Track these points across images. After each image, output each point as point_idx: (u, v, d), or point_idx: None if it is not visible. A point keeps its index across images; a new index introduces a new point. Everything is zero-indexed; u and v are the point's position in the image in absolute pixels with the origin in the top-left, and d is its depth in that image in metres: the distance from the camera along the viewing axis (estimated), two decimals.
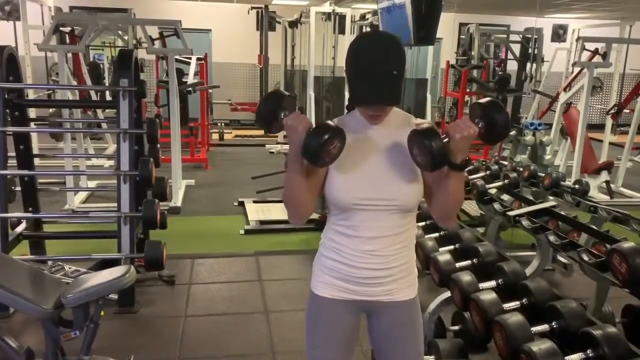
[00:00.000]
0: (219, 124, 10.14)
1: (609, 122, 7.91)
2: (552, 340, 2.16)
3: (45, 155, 4.58)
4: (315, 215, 4.74)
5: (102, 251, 3.74)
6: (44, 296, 2.57)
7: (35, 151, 7.52)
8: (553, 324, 2.29)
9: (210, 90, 9.22)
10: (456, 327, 2.98)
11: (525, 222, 3.11)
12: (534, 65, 9.12)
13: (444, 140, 1.46)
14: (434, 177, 1.59)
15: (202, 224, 5.37)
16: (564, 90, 6.89)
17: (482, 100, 1.55)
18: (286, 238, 4.85)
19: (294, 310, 3.50)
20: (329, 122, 1.52)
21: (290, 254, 4.50)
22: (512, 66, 10.02)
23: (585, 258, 2.64)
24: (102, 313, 2.64)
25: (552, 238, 2.86)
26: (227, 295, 3.79)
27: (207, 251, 4.55)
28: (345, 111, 1.77)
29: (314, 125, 1.51)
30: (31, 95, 7.63)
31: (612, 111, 7.73)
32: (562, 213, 3.18)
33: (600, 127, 8.92)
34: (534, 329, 2.27)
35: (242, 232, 5.06)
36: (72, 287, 2.57)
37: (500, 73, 9.55)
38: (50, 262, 3.87)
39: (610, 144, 8.01)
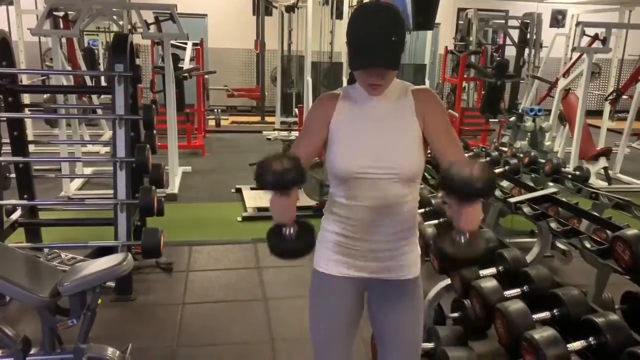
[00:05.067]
0: (215, 110, 10.06)
1: (606, 108, 7.88)
2: (554, 328, 2.15)
3: (40, 142, 4.52)
4: (312, 202, 4.73)
5: (99, 238, 3.71)
6: (40, 284, 2.54)
7: (30, 138, 7.54)
8: (554, 311, 2.27)
9: (206, 76, 9.13)
10: (456, 314, 2.96)
11: (526, 209, 3.09)
12: (533, 50, 9.05)
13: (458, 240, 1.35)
14: (438, 143, 1.60)
15: (199, 211, 5.34)
16: (563, 76, 6.84)
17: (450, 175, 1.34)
18: None
19: (293, 297, 3.48)
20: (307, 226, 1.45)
21: None
22: (509, 52, 9.95)
23: (588, 245, 2.62)
24: (99, 301, 2.62)
25: (553, 225, 2.84)
26: (225, 282, 3.77)
27: (204, 238, 4.52)
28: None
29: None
30: (25, 81, 7.58)
31: (610, 97, 7.69)
32: (564, 200, 3.16)
33: (597, 114, 8.89)
34: (535, 316, 2.25)
35: (239, 219, 5.03)
36: (68, 275, 2.54)
37: (498, 59, 9.49)
38: (46, 250, 3.84)
39: (608, 130, 7.98)
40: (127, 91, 3.40)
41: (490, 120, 7.67)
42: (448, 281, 2.86)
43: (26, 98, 7.69)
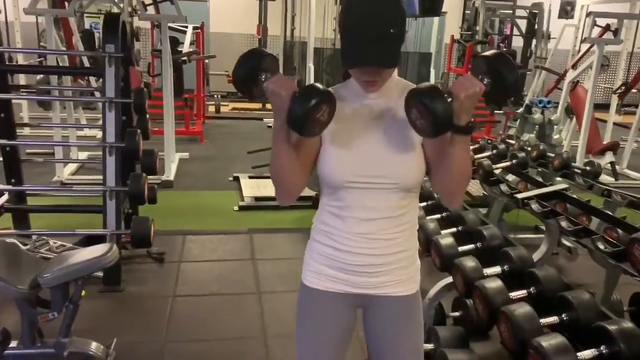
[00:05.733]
0: (215, 96, 9.88)
1: (614, 101, 7.69)
2: (563, 334, 2.01)
3: (30, 124, 4.37)
4: (312, 192, 4.58)
5: (90, 226, 3.57)
6: (20, 275, 2.41)
7: (25, 120, 7.40)
8: (563, 316, 2.14)
9: (206, 61, 8.95)
10: (457, 314, 2.83)
11: (534, 206, 2.93)
12: (539, 41, 8.85)
13: (448, 100, 1.27)
14: (435, 148, 1.41)
15: (195, 199, 5.20)
16: (572, 67, 6.65)
17: (488, 53, 1.36)
18: (281, 215, 4.67)
19: (288, 292, 3.35)
20: (316, 84, 1.34)
21: (285, 232, 4.34)
22: (515, 43, 9.75)
23: (601, 247, 2.48)
24: (82, 293, 2.49)
25: (563, 224, 2.69)
26: (218, 274, 3.64)
27: (199, 228, 4.38)
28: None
29: (298, 90, 1.32)
30: (22, 61, 7.41)
31: (619, 90, 7.51)
32: (575, 197, 3.00)
33: (604, 107, 8.70)
34: (543, 320, 2.12)
35: (236, 208, 4.89)
36: (49, 266, 2.41)
37: (504, 49, 9.31)
38: (34, 237, 3.71)
39: (615, 124, 7.80)
40: (118, 73, 3.25)
41: (495, 111, 7.50)
42: (449, 279, 2.73)
43: (22, 79, 7.61)
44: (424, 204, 3.32)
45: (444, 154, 1.37)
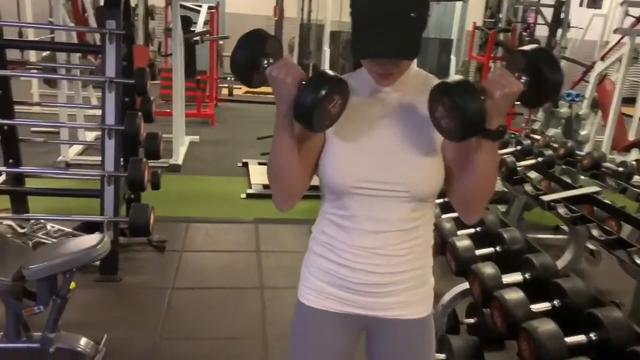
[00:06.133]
0: (228, 79, 9.67)
1: None
2: (590, 357, 1.81)
3: (26, 102, 4.20)
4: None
5: (91, 210, 3.39)
6: (4, 266, 2.26)
7: (36, 98, 7.26)
8: (591, 335, 1.93)
9: (220, 42, 8.74)
10: (471, 320, 2.63)
11: (561, 210, 2.70)
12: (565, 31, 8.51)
13: (481, 99, 1.07)
14: (458, 153, 1.20)
15: (202, 184, 5.03)
16: (601, 59, 6.34)
17: (528, 47, 1.16)
18: None
19: (291, 288, 3.10)
20: (327, 71, 1.14)
21: (291, 223, 4.14)
22: (538, 32, 9.39)
23: (638, 260, 2.25)
24: (72, 285, 2.34)
25: (595, 232, 2.47)
26: (220, 265, 3.47)
27: (204, 215, 4.21)
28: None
29: (307, 77, 1.13)
30: (31, 37, 7.26)
31: None
32: (608, 202, 2.76)
33: (629, 101, 8.35)
34: (569, 339, 1.91)
35: (243, 196, 4.72)
36: (35, 257, 2.26)
37: (527, 39, 8.98)
38: (32, 220, 3.57)
39: None
40: (119, 51, 3.06)
41: (515, 103, 7.20)
42: (465, 285, 2.52)
43: (32, 56, 7.46)
44: (440, 200, 3.10)
45: (467, 160, 1.17)
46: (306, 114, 1.11)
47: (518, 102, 1.18)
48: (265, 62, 1.17)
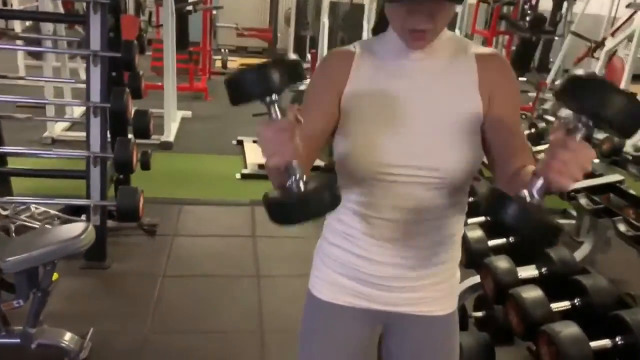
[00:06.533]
0: (222, 50, 9.37)
1: None
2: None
3: (6, 76, 3.96)
4: (320, 163, 4.20)
5: (78, 190, 3.17)
6: None
7: (21, 70, 6.98)
8: (617, 339, 1.78)
9: (214, 12, 8.43)
10: (480, 314, 2.49)
11: (583, 200, 2.53)
12: (571, 4, 8.25)
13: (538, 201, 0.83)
14: (504, 135, 1.03)
15: (195, 163, 4.83)
16: (611, 35, 6.11)
17: (585, 76, 0.81)
18: None
19: (289, 276, 3.01)
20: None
21: None
22: (542, 7, 9.11)
23: None
24: (54, 277, 2.17)
25: (622, 227, 2.30)
26: (214, 251, 3.29)
27: (197, 196, 4.02)
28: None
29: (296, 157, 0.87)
30: (16, 5, 6.95)
31: None
32: (633, 192, 2.57)
33: (635, 78, 8.15)
34: (594, 344, 1.76)
35: (238, 176, 4.52)
36: (14, 248, 2.07)
37: (529, 12, 8.71)
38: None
39: None
40: (105, 21, 2.83)
41: (519, 79, 7.00)
42: (476, 278, 2.37)
43: (17, 25, 7.15)
44: None
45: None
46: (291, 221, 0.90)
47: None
48: (268, 99, 0.87)
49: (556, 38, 8.53)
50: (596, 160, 3.41)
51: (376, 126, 1.03)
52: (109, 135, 3.03)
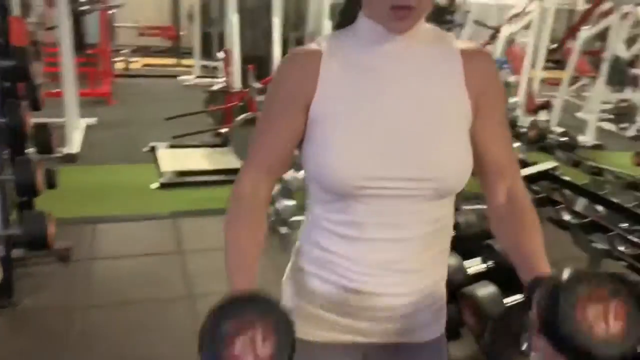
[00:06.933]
0: (123, 51, 8.85)
1: (541, 59, 7.60)
2: None
3: None
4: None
5: None
6: None
7: None
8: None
9: (111, 11, 7.91)
10: None
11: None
12: None
13: None
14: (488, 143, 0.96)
15: (106, 175, 4.46)
16: (508, 22, 6.40)
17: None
18: (210, 193, 4.05)
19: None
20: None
21: (216, 214, 3.70)
22: None
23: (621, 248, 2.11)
24: None
25: (566, 216, 2.31)
26: (138, 273, 3.01)
27: (111, 213, 3.70)
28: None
29: None
30: None
31: (554, 47, 7.40)
32: (569, 179, 2.61)
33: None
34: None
35: (154, 186, 4.22)
36: None
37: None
38: None
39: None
40: None
41: None
42: None
43: None
44: None
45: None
46: None
47: None
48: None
49: (458, 27, 8.80)
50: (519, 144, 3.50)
51: (354, 134, 0.89)
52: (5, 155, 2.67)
